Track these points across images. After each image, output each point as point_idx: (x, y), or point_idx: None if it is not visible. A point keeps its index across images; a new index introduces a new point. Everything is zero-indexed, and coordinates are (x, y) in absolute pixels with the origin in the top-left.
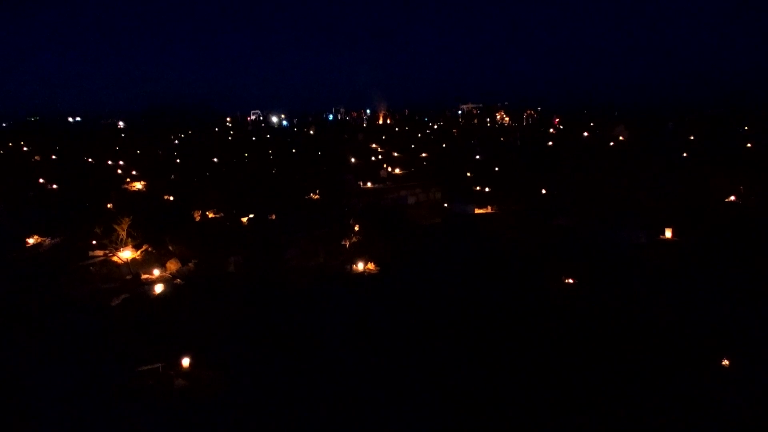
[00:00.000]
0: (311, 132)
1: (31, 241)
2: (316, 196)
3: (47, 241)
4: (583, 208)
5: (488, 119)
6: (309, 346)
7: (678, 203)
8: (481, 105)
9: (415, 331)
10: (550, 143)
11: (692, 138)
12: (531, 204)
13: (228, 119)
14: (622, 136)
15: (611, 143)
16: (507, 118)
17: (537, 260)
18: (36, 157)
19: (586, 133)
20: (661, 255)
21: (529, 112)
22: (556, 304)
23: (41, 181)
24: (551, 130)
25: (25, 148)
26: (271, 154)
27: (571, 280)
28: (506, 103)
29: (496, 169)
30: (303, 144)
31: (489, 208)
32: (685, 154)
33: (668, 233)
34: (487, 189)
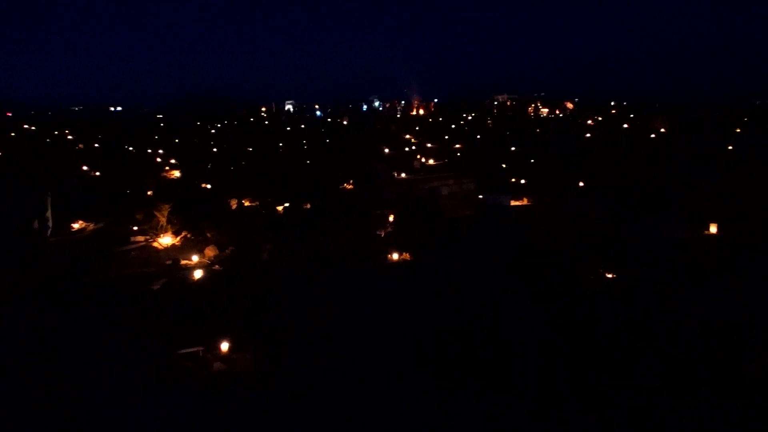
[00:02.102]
0: (345, 122)
1: (75, 226)
2: (350, 186)
3: (91, 226)
4: (622, 202)
5: (526, 110)
6: (343, 332)
7: (723, 198)
8: (516, 96)
9: (449, 321)
10: (588, 135)
11: (738, 131)
12: (568, 196)
13: (263, 109)
14: (663, 129)
15: (652, 135)
16: (544, 109)
17: (575, 253)
18: (79, 146)
19: (626, 125)
20: (705, 250)
21: (566, 103)
22: (595, 298)
23: (85, 168)
24: (589, 121)
25: (69, 137)
26: (305, 144)
27: (610, 275)
28: (543, 93)
29: (532, 161)
30: (337, 134)
31: (525, 200)
32: (730, 147)
33: (713, 228)
34: (522, 181)
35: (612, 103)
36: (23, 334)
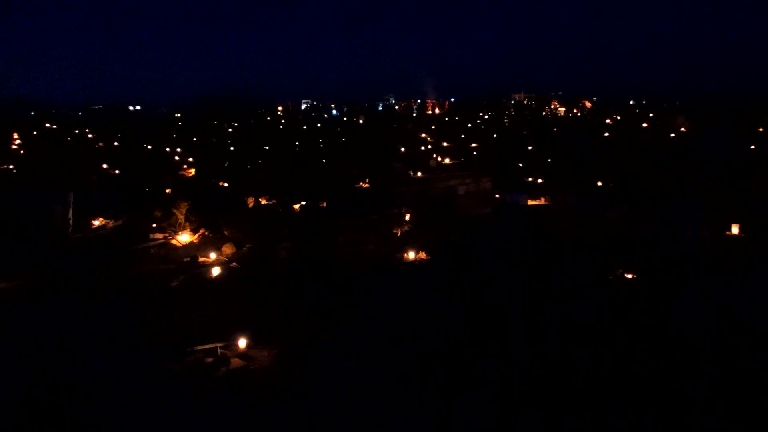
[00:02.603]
0: (361, 121)
1: (96, 222)
2: (366, 185)
3: (111, 223)
4: (641, 201)
5: (544, 109)
6: (360, 330)
7: (745, 198)
8: (533, 94)
9: (467, 321)
10: (607, 134)
11: (761, 130)
12: (586, 196)
13: (279, 108)
14: (684, 128)
15: (672, 135)
16: (561, 108)
17: (594, 253)
18: (99, 144)
19: (645, 124)
20: (727, 251)
21: (584, 101)
22: (615, 299)
23: (104, 166)
24: (608, 120)
25: (89, 135)
26: (321, 143)
27: (630, 275)
28: (560, 93)
29: (549, 160)
30: (353, 133)
31: (542, 199)
32: (752, 147)
33: (735, 229)
34: (539, 180)
35: (631, 102)
36: (44, 331)
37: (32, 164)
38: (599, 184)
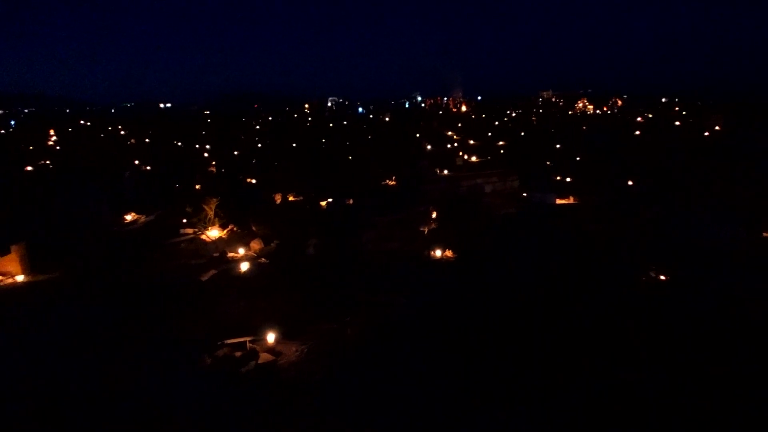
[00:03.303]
0: (387, 119)
1: (128, 217)
2: (392, 182)
3: (142, 218)
4: (674, 202)
5: (573, 106)
6: (387, 327)
7: None
8: (562, 92)
9: (493, 320)
10: (638, 132)
11: None
12: (617, 195)
13: (306, 106)
14: (718, 126)
15: (706, 133)
16: (590, 106)
17: (623, 253)
18: (131, 141)
19: (677, 122)
20: (763, 253)
21: (614, 99)
22: (646, 301)
23: (136, 162)
24: (639, 118)
25: (122, 132)
26: (347, 140)
27: (663, 276)
28: (590, 90)
29: (578, 158)
30: (379, 130)
31: (571, 198)
32: None
33: None
34: (568, 179)
35: (663, 100)
36: (79, 320)
37: (68, 160)
38: (630, 183)
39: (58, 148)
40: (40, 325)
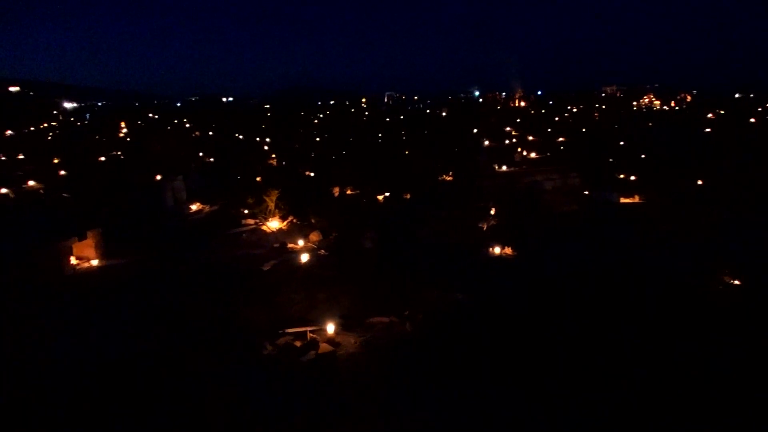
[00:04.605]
0: (444, 114)
1: (193, 207)
2: (449, 178)
3: (207, 208)
4: (748, 203)
5: (638, 102)
6: (448, 323)
7: None
8: (626, 87)
9: (555, 322)
10: (708, 130)
11: None
12: (685, 195)
13: (363, 100)
14: None
15: None
16: (657, 101)
17: (692, 255)
18: (196, 133)
19: (752, 120)
20: None
21: (683, 94)
22: (717, 306)
23: (200, 154)
24: (710, 115)
25: (187, 125)
26: (404, 135)
27: (737, 281)
28: (656, 85)
29: (642, 156)
30: (436, 125)
31: (636, 197)
32: None
33: None
34: (632, 177)
35: (737, 95)
36: (149, 303)
37: (137, 151)
38: (699, 183)
39: (128, 140)
40: (113, 305)
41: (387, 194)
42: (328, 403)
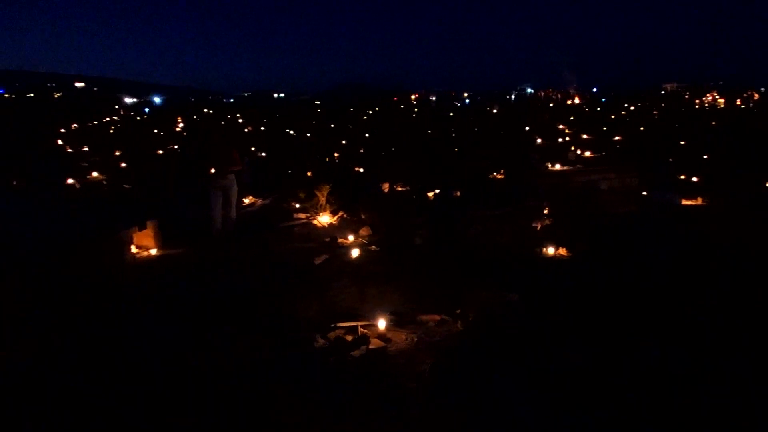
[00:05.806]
0: (494, 110)
1: (246, 201)
2: (501, 176)
3: (259, 201)
4: None
5: (700, 100)
6: (502, 324)
7: None
8: (687, 84)
9: (615, 322)
10: None
11: None
12: (754, 198)
13: (413, 97)
14: None
15: None
16: (721, 100)
17: (763, 262)
18: (248, 128)
19: None
20: None
21: (749, 92)
22: None
23: (252, 149)
24: None
25: (240, 120)
26: (453, 132)
27: None
28: (720, 82)
29: (705, 156)
30: (486, 122)
31: (699, 199)
32: None
33: None
34: (694, 178)
35: None
36: (201, 295)
37: (192, 145)
38: None
39: (184, 134)
40: (172, 293)
41: (437, 191)
42: (381, 398)
